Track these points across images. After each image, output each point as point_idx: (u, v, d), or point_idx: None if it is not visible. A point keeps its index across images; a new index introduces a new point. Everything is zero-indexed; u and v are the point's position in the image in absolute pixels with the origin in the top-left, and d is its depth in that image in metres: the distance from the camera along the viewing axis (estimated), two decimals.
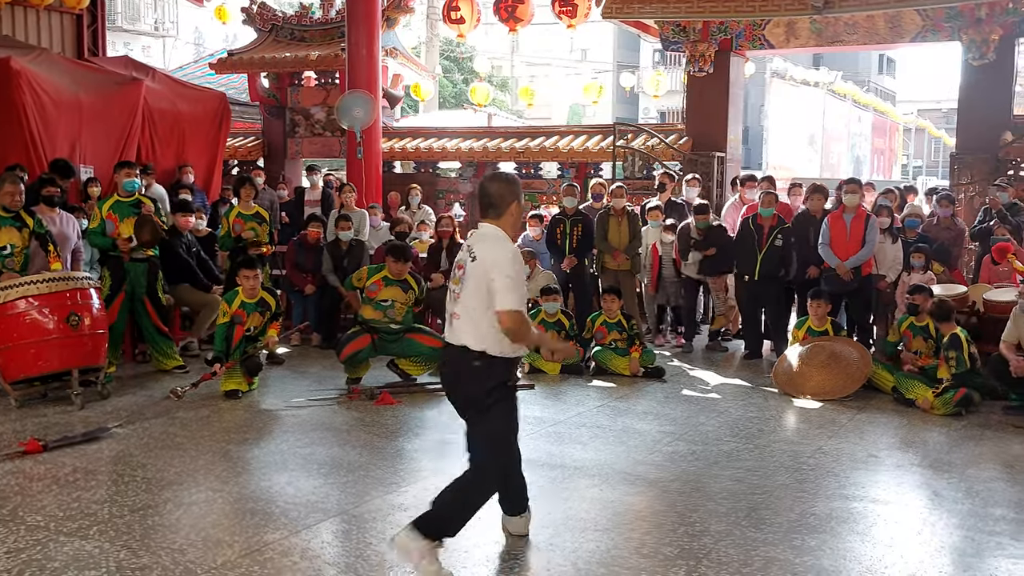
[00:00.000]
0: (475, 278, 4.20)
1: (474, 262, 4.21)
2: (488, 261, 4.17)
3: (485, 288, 4.16)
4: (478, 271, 4.19)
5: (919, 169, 50.50)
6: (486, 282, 4.15)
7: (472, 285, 4.21)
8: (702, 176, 11.91)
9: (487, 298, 4.15)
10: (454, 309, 4.31)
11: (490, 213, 4.32)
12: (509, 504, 4.70)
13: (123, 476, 5.56)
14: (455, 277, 4.35)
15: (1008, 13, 11.41)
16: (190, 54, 30.15)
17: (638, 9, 12.40)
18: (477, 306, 4.20)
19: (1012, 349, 7.51)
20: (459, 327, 4.27)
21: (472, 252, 4.25)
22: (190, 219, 9.50)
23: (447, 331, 4.38)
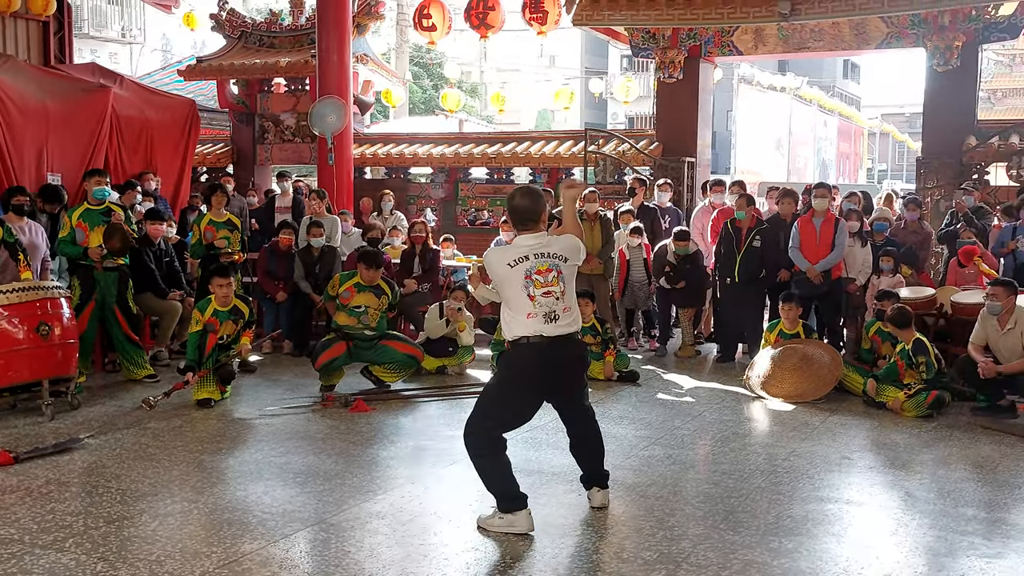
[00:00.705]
0: (571, 272, 4.94)
1: (567, 262, 4.90)
2: (573, 253, 4.94)
3: (575, 275, 4.99)
4: (573, 264, 4.94)
5: (884, 173, 51.13)
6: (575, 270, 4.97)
7: (571, 279, 4.94)
8: (673, 181, 11.98)
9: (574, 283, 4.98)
10: (563, 306, 4.85)
11: (530, 225, 4.91)
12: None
13: (97, 487, 5.51)
14: (539, 282, 4.82)
15: (971, 20, 11.59)
16: (158, 61, 29.93)
17: (608, 16, 12.47)
18: (573, 295, 4.96)
19: (980, 351, 7.61)
20: (569, 319, 4.89)
21: (557, 255, 4.88)
22: (161, 227, 9.43)
23: (551, 328, 4.82)
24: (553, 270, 4.83)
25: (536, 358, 4.85)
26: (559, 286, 4.83)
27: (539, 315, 4.81)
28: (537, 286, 4.80)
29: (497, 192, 14.50)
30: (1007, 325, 7.44)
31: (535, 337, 4.82)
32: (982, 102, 13.96)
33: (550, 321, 4.81)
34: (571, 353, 4.95)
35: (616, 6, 12.28)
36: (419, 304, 9.99)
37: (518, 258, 4.84)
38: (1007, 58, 40.77)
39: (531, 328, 4.82)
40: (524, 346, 4.85)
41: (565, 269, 4.88)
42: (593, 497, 5.26)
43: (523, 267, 4.82)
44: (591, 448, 5.25)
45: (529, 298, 4.80)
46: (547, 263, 4.83)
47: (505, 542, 4.75)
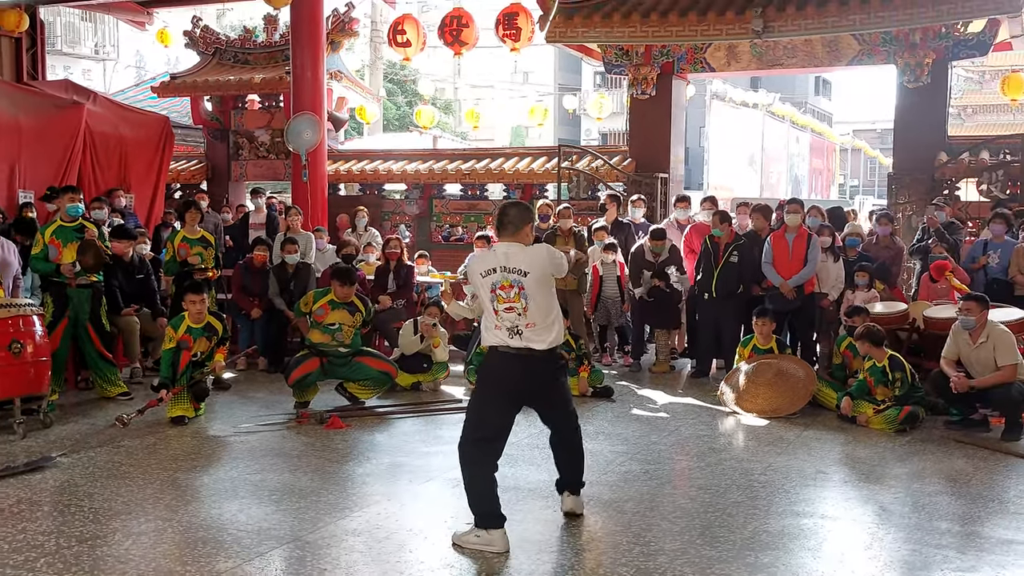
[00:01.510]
0: (538, 285, 4.90)
1: (527, 276, 4.88)
2: (539, 265, 4.90)
3: (548, 288, 4.97)
4: (537, 277, 4.90)
5: (856, 188, 51.62)
6: (548, 282, 4.96)
7: (538, 294, 4.90)
8: (646, 197, 12.04)
9: (551, 296, 5.00)
10: (526, 322, 4.88)
11: (509, 230, 4.99)
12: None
13: (69, 506, 5.45)
14: (502, 297, 4.89)
15: (941, 38, 11.75)
16: (131, 77, 29.75)
17: (581, 33, 12.53)
18: (548, 308, 4.95)
19: (952, 365, 7.67)
20: (536, 335, 4.90)
21: (518, 270, 4.88)
22: (128, 244, 9.34)
23: (516, 341, 4.89)
24: (515, 287, 4.88)
25: (503, 365, 5.00)
26: (520, 302, 4.87)
27: (503, 328, 4.95)
28: (500, 301, 4.91)
29: (471, 208, 14.52)
30: (979, 339, 7.51)
31: (502, 347, 4.97)
32: (953, 118, 14.15)
33: (514, 335, 4.93)
34: (538, 367, 5.00)
35: (589, 23, 12.35)
36: (393, 320, 9.97)
37: (488, 270, 4.96)
38: (977, 75, 41.30)
39: (498, 339, 4.98)
40: (493, 354, 5.05)
41: (528, 284, 4.88)
42: (564, 502, 5.39)
43: (490, 279, 4.94)
44: (569, 454, 5.37)
45: (494, 312, 4.95)
46: (509, 279, 4.89)
47: (481, 559, 4.74)
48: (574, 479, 5.40)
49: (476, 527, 4.91)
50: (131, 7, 16.08)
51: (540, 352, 4.94)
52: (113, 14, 17.69)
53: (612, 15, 12.26)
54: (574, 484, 5.40)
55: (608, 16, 12.27)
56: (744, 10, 11.54)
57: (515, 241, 4.98)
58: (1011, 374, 7.35)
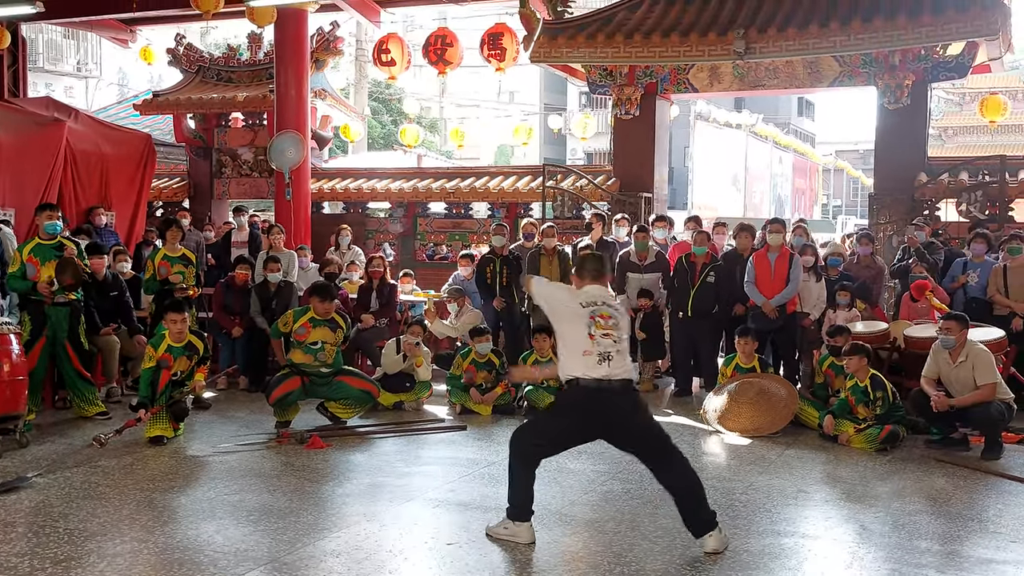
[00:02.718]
0: (625, 326, 5.31)
1: (620, 314, 5.30)
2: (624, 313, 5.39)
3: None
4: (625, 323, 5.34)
5: (839, 208, 51.86)
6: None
7: (624, 331, 5.28)
8: (630, 216, 12.06)
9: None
10: (617, 348, 5.16)
11: (599, 278, 5.39)
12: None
13: (44, 528, 5.38)
14: (601, 324, 5.17)
15: (920, 60, 11.86)
16: (114, 95, 29.67)
17: (565, 53, 12.58)
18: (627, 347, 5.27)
19: (932, 384, 7.70)
20: (621, 363, 5.16)
21: (616, 308, 5.31)
22: (102, 261, 9.29)
23: (604, 368, 5.10)
24: (613, 318, 5.21)
25: (584, 400, 5.17)
26: (617, 332, 5.20)
27: (595, 354, 5.12)
28: (599, 327, 5.16)
29: (456, 227, 14.51)
30: (959, 358, 7.54)
31: (585, 379, 5.12)
32: (932, 139, 14.27)
33: (603, 361, 5.11)
34: (620, 400, 5.18)
35: (573, 44, 12.40)
36: (376, 339, 9.93)
37: (589, 302, 5.25)
38: (956, 96, 41.71)
39: (584, 368, 5.13)
40: (575, 387, 5.19)
41: (622, 322, 5.28)
42: (705, 543, 5.08)
43: (590, 309, 5.21)
44: (680, 494, 5.19)
45: (589, 336, 5.14)
46: (609, 311, 5.23)
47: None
48: (697, 516, 5.12)
49: (507, 518, 5.22)
50: (114, 24, 16.06)
51: (627, 384, 5.19)
52: (96, 31, 17.68)
53: (596, 36, 12.31)
54: (703, 523, 5.11)
55: (592, 37, 12.33)
56: (726, 31, 11.60)
57: (601, 286, 5.39)
58: (990, 393, 7.38)
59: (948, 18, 10.64)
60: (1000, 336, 8.37)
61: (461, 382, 8.98)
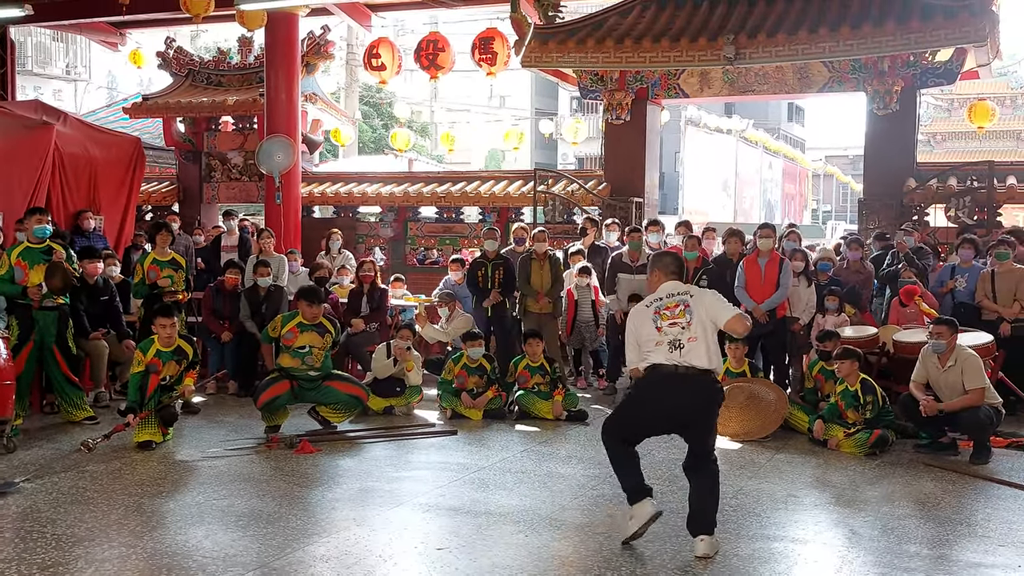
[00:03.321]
0: (703, 307, 5.27)
1: (693, 298, 5.31)
2: (702, 296, 5.37)
3: (710, 322, 5.25)
4: (702, 303, 5.29)
5: (828, 213, 52.01)
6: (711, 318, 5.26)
7: (702, 311, 5.24)
8: (621, 220, 12.09)
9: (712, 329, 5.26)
10: (688, 336, 5.19)
11: (677, 274, 5.48)
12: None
13: (31, 533, 5.35)
14: (666, 315, 5.25)
15: (909, 66, 11.91)
16: (103, 98, 29.59)
17: (557, 58, 12.60)
18: (708, 331, 5.22)
19: (921, 389, 7.72)
20: (697, 350, 5.17)
21: (686, 292, 5.35)
22: (98, 265, 9.27)
23: (676, 355, 5.17)
24: (680, 305, 5.26)
25: (658, 386, 5.28)
26: (685, 318, 5.21)
27: (664, 343, 5.22)
28: (664, 319, 5.26)
29: (446, 231, 14.52)
30: (947, 363, 7.57)
31: (659, 366, 5.23)
32: (921, 145, 14.34)
33: (675, 349, 5.20)
34: (691, 387, 5.21)
35: (564, 49, 12.43)
36: (367, 344, 9.91)
37: (654, 299, 5.38)
38: (945, 102, 41.92)
39: (657, 357, 5.24)
40: (649, 373, 5.30)
41: (693, 303, 5.27)
42: (696, 545, 5.12)
43: (654, 306, 5.34)
44: (700, 492, 5.25)
45: (657, 329, 5.26)
46: (676, 299, 5.30)
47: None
48: (699, 518, 5.17)
49: (630, 508, 5.28)
50: (104, 28, 16.03)
51: (699, 371, 5.17)
52: (85, 34, 17.63)
53: (587, 41, 12.34)
54: (702, 524, 5.15)
55: (583, 42, 12.36)
56: (716, 37, 11.64)
57: (679, 282, 5.44)
58: (979, 398, 7.41)
59: (936, 24, 10.70)
60: (988, 341, 8.40)
61: (452, 386, 8.97)
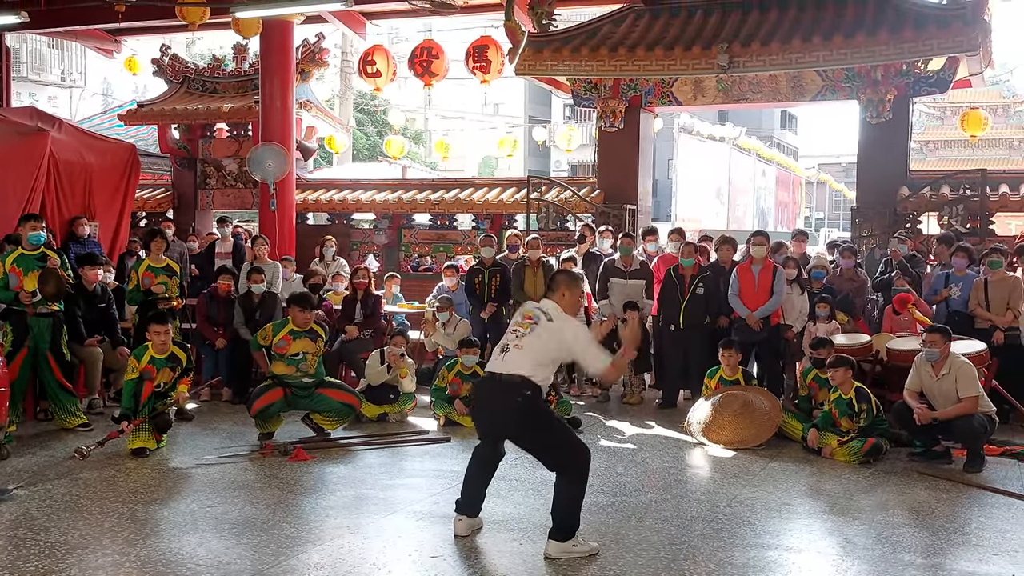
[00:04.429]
0: (548, 332, 5.30)
1: (550, 321, 5.32)
2: (559, 327, 5.33)
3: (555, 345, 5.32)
4: (552, 328, 5.31)
5: (821, 221, 52.17)
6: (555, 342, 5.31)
7: (545, 336, 5.30)
8: (614, 228, 12.09)
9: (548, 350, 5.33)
10: (515, 343, 5.31)
11: (550, 295, 5.50)
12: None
13: (24, 540, 5.33)
14: (516, 321, 5.43)
15: (902, 75, 11.95)
16: (98, 105, 29.56)
17: (550, 66, 12.62)
18: (542, 350, 5.31)
19: (915, 397, 7.73)
20: (513, 359, 5.28)
21: (546, 313, 5.37)
22: (97, 272, 9.27)
23: (499, 361, 5.32)
24: (534, 320, 5.35)
25: (476, 390, 5.64)
26: (527, 329, 5.33)
27: (498, 346, 5.44)
28: (514, 326, 5.44)
29: (440, 238, 14.52)
30: (941, 371, 7.58)
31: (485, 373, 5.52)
32: (914, 153, 14.35)
33: (499, 353, 5.39)
34: (497, 391, 5.36)
35: (558, 57, 12.45)
36: (360, 350, 9.91)
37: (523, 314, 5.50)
38: (937, 111, 42.06)
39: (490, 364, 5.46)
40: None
41: (541, 322, 5.32)
42: (548, 546, 5.29)
43: (517, 317, 5.51)
44: (556, 495, 5.36)
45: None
46: (532, 312, 5.43)
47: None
48: (555, 522, 5.30)
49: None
50: (99, 35, 16.02)
51: (511, 376, 5.26)
52: (81, 41, 17.61)
53: (580, 49, 12.36)
54: (556, 528, 5.29)
55: (577, 50, 12.37)
56: (710, 45, 11.66)
57: (550, 300, 5.47)
58: (973, 406, 7.42)
59: (929, 34, 10.73)
60: (982, 349, 8.42)
61: (446, 393, 8.97)
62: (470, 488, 5.61)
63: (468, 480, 5.65)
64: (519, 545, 5.41)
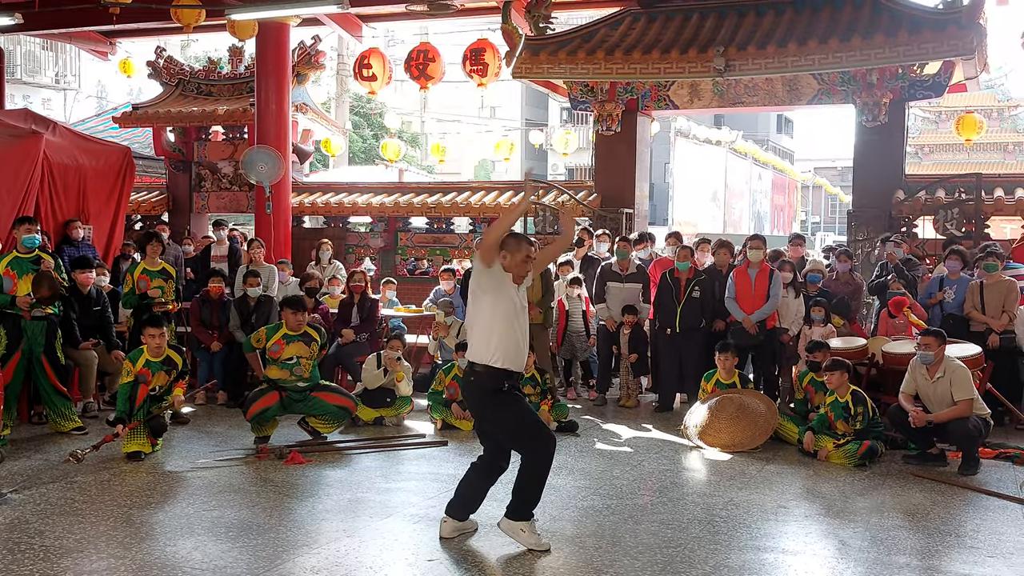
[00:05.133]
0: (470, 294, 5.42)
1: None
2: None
3: (476, 297, 5.36)
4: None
5: (817, 225, 52.26)
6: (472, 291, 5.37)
7: (471, 302, 5.40)
8: (611, 231, 12.10)
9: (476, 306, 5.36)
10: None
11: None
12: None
13: (19, 544, 5.31)
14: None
15: (898, 78, 11.97)
16: (92, 107, 29.52)
17: (547, 69, 12.63)
18: (473, 319, 5.36)
19: (910, 400, 7.74)
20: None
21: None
22: (90, 276, 9.25)
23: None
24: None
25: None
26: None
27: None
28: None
29: (437, 242, 14.51)
30: (936, 374, 7.59)
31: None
32: (910, 157, 14.42)
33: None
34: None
35: (555, 60, 12.46)
36: (357, 354, 9.90)
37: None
38: (933, 115, 42.17)
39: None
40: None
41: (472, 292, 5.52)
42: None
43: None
44: (518, 479, 5.54)
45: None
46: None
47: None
48: (510, 504, 5.52)
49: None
50: (94, 37, 15.99)
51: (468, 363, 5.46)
52: (75, 43, 17.58)
53: (577, 52, 12.38)
54: (509, 509, 5.50)
55: (573, 53, 12.39)
56: (706, 49, 11.69)
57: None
58: (967, 409, 7.44)
59: (925, 38, 10.76)
60: (977, 352, 8.43)
61: (443, 397, 8.96)
62: (462, 491, 5.62)
63: (463, 483, 5.64)
64: (515, 548, 5.40)
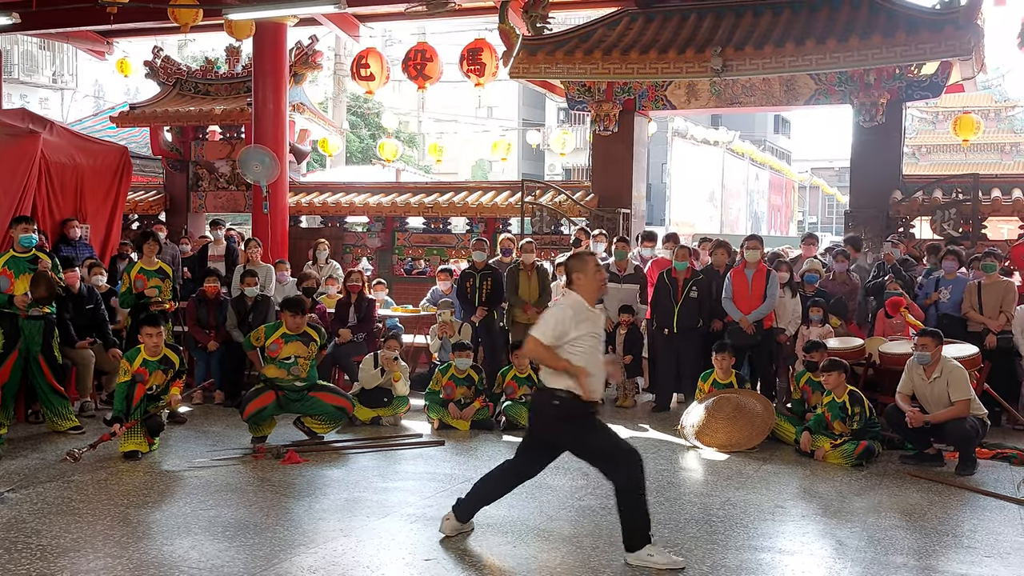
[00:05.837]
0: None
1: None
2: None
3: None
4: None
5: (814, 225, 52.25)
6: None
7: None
8: (608, 231, 12.10)
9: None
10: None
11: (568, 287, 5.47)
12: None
13: (16, 544, 5.31)
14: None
15: (895, 79, 11.98)
16: (90, 107, 29.49)
17: (544, 69, 12.62)
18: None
19: (907, 400, 7.75)
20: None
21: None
22: (75, 274, 9.23)
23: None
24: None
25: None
26: None
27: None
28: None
29: (434, 242, 14.50)
30: (933, 374, 7.60)
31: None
32: (907, 158, 14.43)
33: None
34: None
35: (552, 60, 12.46)
36: (354, 354, 9.89)
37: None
38: (930, 115, 42.23)
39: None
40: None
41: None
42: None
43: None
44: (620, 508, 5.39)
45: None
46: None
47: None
48: (624, 538, 5.35)
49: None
50: (91, 36, 15.97)
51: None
52: (72, 43, 17.55)
53: (574, 52, 12.38)
54: (626, 542, 5.33)
55: (570, 53, 12.39)
56: (704, 49, 11.69)
57: (571, 290, 5.48)
58: (964, 409, 7.44)
59: (922, 38, 10.77)
60: (974, 352, 8.44)
61: (440, 397, 8.96)
62: (479, 488, 5.60)
63: (483, 481, 5.63)
64: (512, 548, 5.41)
